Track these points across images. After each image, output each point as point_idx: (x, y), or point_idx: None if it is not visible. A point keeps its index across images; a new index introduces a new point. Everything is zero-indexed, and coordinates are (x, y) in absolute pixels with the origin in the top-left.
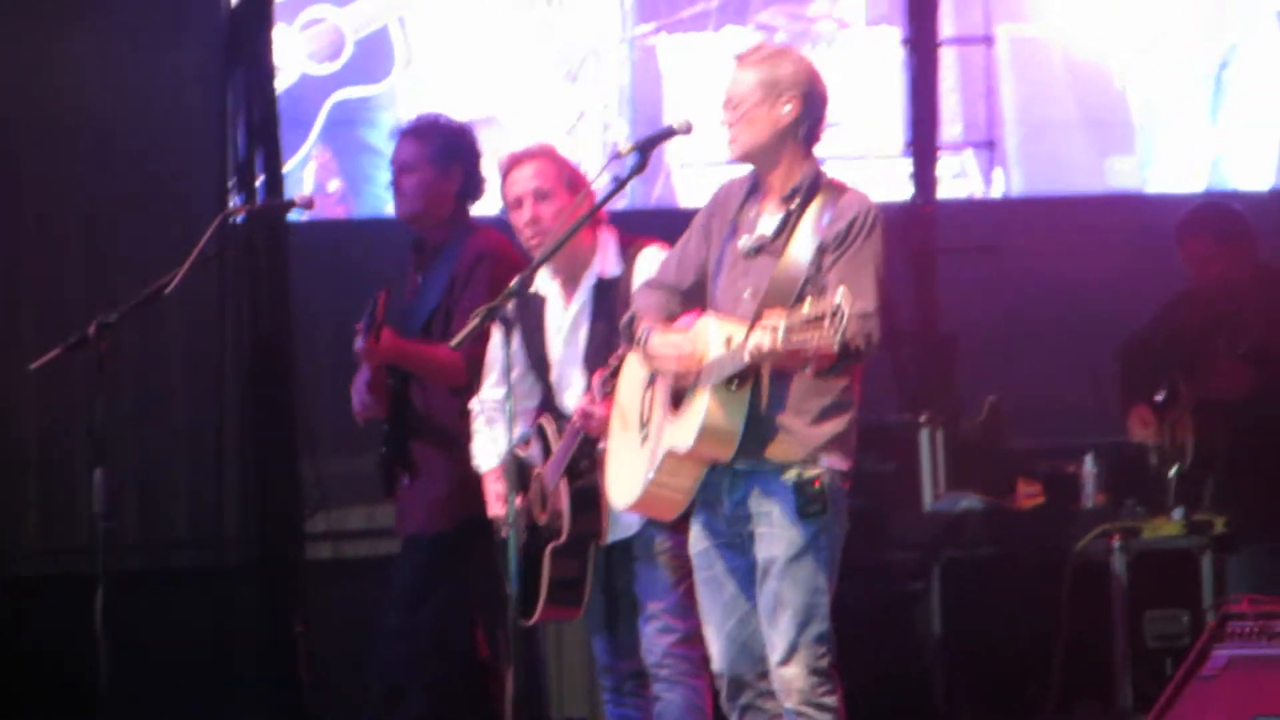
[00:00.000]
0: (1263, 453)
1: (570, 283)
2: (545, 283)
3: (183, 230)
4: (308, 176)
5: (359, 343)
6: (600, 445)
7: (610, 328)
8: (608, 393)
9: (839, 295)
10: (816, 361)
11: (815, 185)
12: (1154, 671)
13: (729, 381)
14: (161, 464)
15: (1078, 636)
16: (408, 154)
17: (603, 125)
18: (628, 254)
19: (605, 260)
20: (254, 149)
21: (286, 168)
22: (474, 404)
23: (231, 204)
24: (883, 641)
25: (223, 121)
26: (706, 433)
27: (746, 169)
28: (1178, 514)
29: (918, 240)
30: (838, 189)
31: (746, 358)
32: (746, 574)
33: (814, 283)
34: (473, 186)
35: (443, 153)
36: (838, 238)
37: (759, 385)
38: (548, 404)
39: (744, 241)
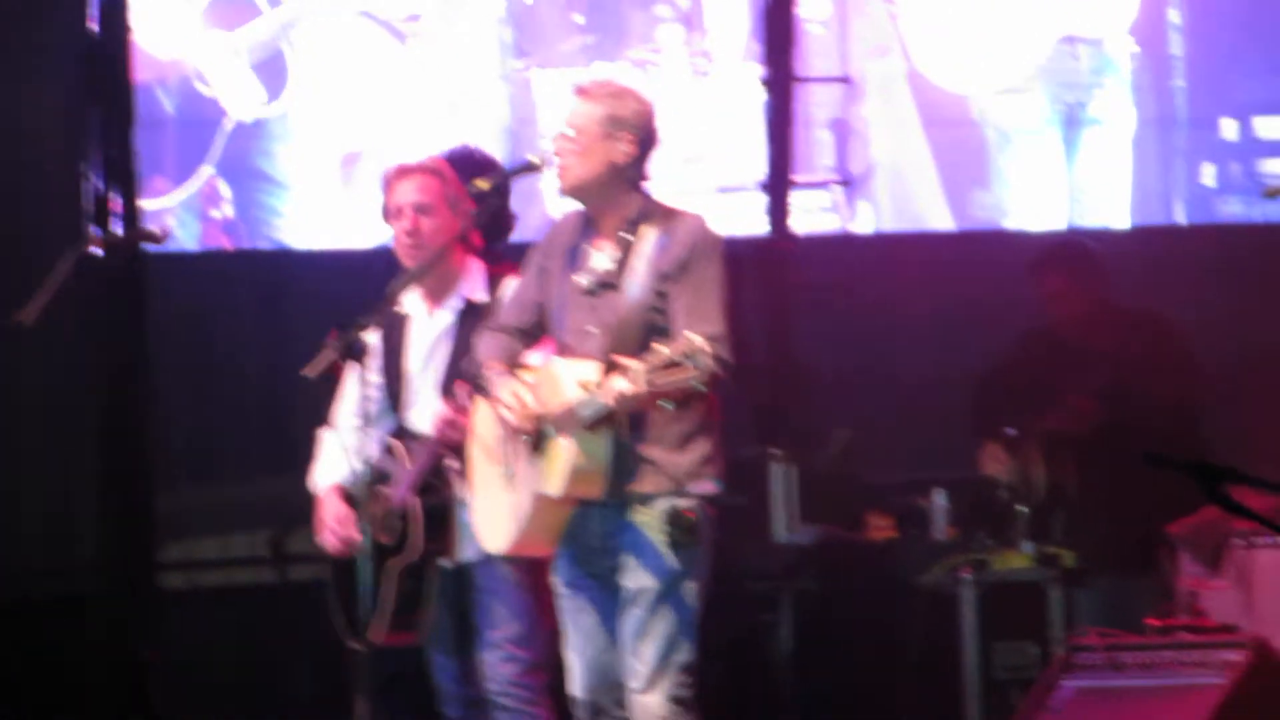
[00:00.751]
0: (1111, 487)
1: (436, 303)
2: (412, 302)
3: (40, 263)
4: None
5: None
6: (451, 463)
7: (470, 350)
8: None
9: (695, 337)
10: (676, 398)
11: (647, 214)
12: (1001, 702)
13: (591, 425)
14: (15, 493)
15: (927, 667)
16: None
17: None
18: (494, 282)
19: (473, 284)
20: (111, 182)
21: (181, 194)
22: (324, 430)
23: (88, 236)
24: (734, 672)
25: (80, 155)
26: (574, 476)
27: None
28: (1027, 547)
29: (773, 275)
30: (669, 214)
31: (612, 402)
32: (609, 604)
33: (660, 312)
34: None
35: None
36: (678, 265)
37: (619, 423)
38: (400, 428)
39: (583, 279)
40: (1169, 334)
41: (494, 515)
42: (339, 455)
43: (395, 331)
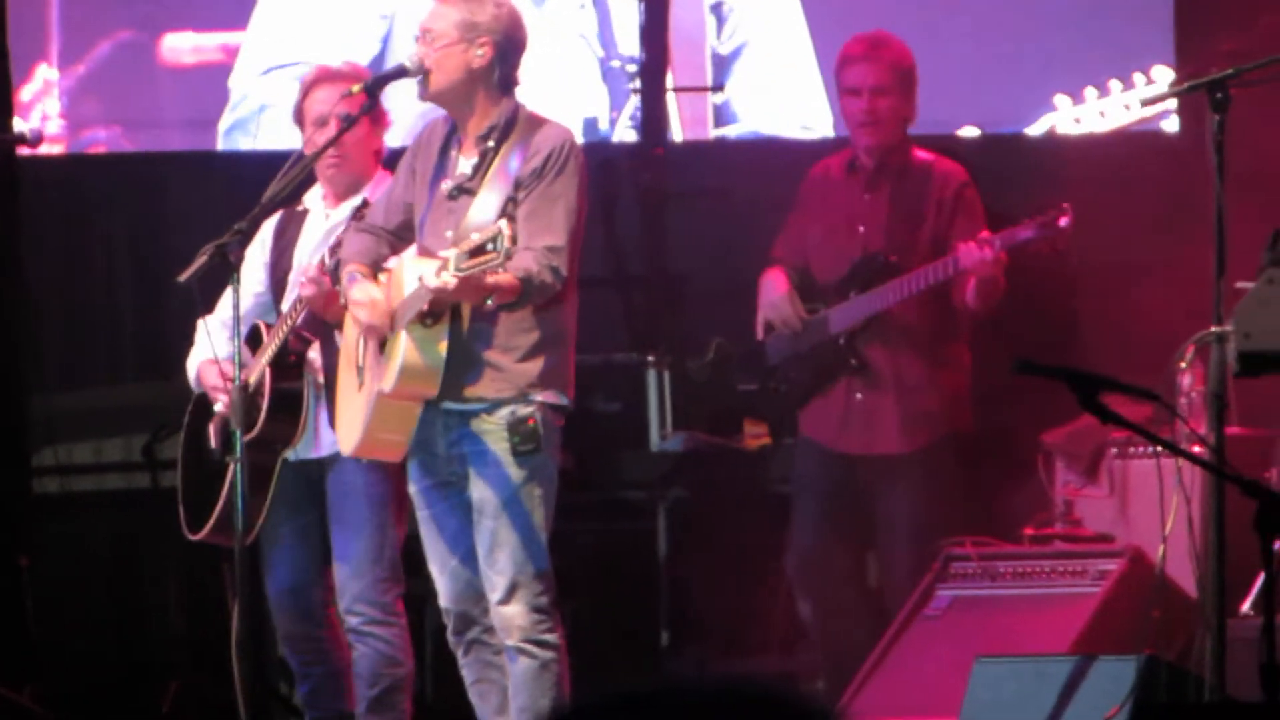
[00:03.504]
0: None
1: (337, 202)
2: (313, 199)
3: None
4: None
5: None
6: (312, 347)
7: None
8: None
9: (502, 224)
10: (499, 295)
11: (511, 123)
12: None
13: (423, 319)
14: None
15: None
16: (880, 77)
17: None
18: None
19: (376, 190)
20: None
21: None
22: (200, 322)
23: None
24: (609, 580)
25: None
26: (407, 372)
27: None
28: None
29: (647, 182)
30: (535, 123)
31: (429, 292)
32: (466, 511)
33: (512, 219)
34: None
35: (908, 77)
36: (533, 173)
37: (459, 322)
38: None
39: (445, 185)
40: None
41: (347, 417)
42: (206, 344)
43: (292, 225)
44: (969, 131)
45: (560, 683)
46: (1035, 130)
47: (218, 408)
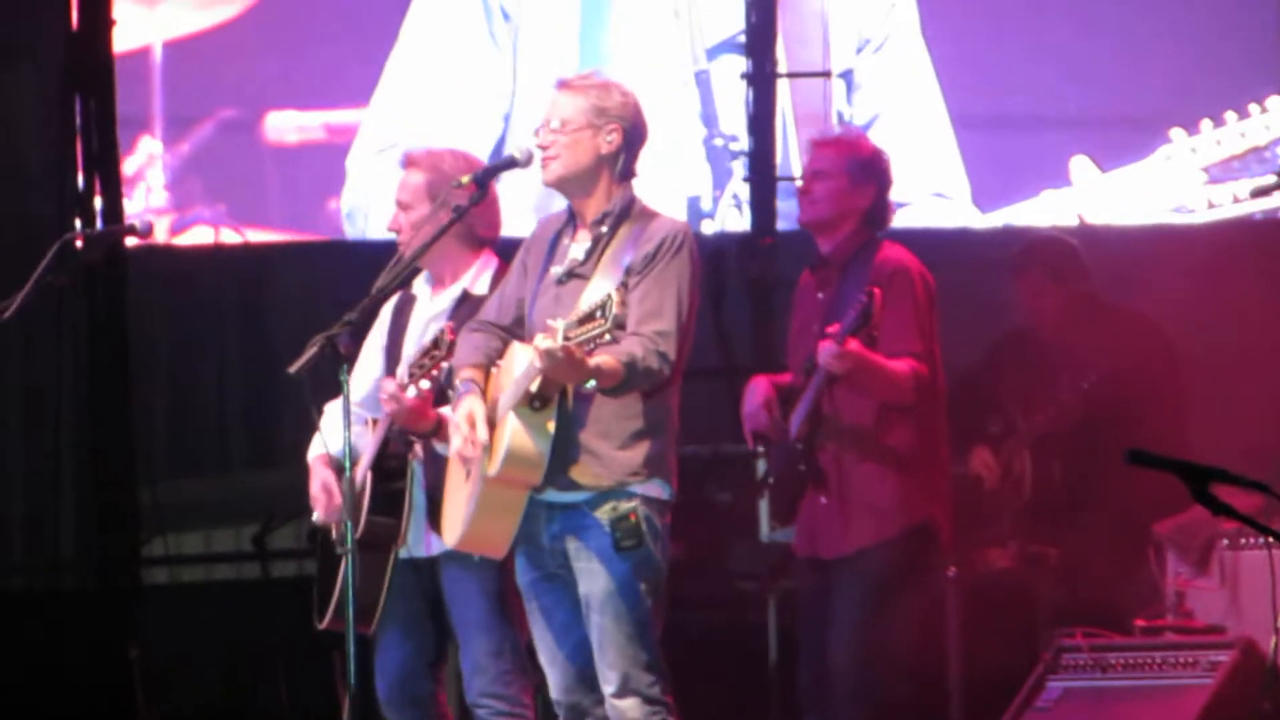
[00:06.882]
0: (1097, 486)
1: (439, 288)
2: (420, 285)
3: (22, 257)
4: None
5: (827, 349)
6: (414, 445)
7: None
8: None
9: (610, 290)
10: (602, 378)
11: (627, 211)
12: (988, 703)
13: (531, 402)
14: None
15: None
16: (824, 161)
17: None
18: (498, 278)
19: (478, 278)
20: (93, 175)
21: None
22: (326, 406)
23: (72, 230)
24: (722, 673)
25: (61, 146)
26: (512, 457)
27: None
28: (1013, 545)
29: (757, 271)
30: (649, 215)
31: (537, 364)
32: (574, 604)
33: (624, 305)
34: (880, 212)
35: (859, 168)
36: (645, 259)
37: (565, 406)
38: None
39: (556, 270)
40: (1151, 331)
41: (452, 508)
42: (330, 429)
43: (403, 313)
44: (1067, 221)
45: None
46: (1149, 162)
47: (315, 518)
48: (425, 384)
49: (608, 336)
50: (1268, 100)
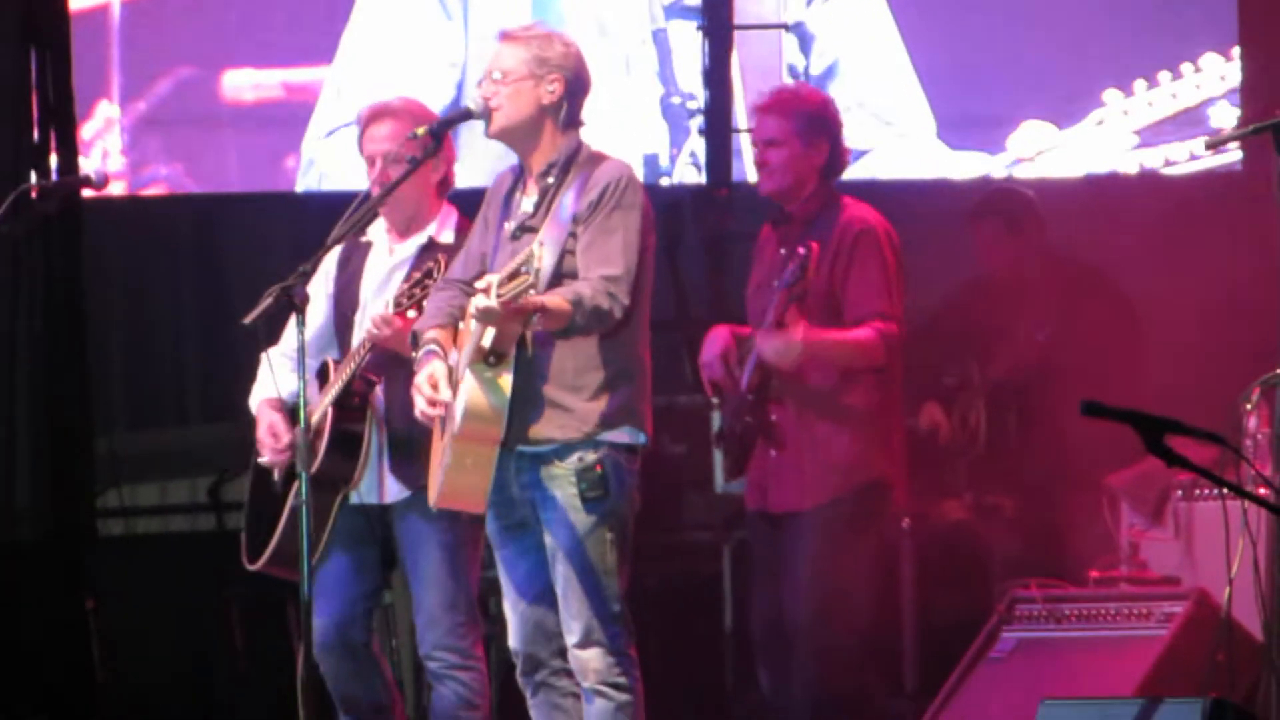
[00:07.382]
0: (1052, 437)
1: (401, 236)
2: (377, 231)
3: None
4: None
5: (773, 310)
6: (376, 388)
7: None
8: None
9: (533, 245)
10: (546, 317)
11: (572, 159)
12: (942, 653)
13: (486, 358)
14: None
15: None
16: (773, 129)
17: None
18: (461, 230)
19: (443, 227)
20: (48, 129)
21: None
22: (265, 353)
23: (24, 181)
24: (676, 623)
25: (16, 100)
26: (470, 413)
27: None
28: (967, 496)
29: (712, 223)
30: (595, 159)
31: (473, 323)
32: (539, 553)
33: (572, 254)
34: (836, 161)
35: (809, 126)
36: (589, 206)
37: (525, 359)
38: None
39: (509, 225)
40: (1106, 283)
41: (434, 469)
42: (279, 374)
43: (355, 256)
44: (1022, 172)
45: None
46: (1081, 127)
47: (262, 460)
48: (412, 314)
49: (533, 291)
50: (1201, 59)
